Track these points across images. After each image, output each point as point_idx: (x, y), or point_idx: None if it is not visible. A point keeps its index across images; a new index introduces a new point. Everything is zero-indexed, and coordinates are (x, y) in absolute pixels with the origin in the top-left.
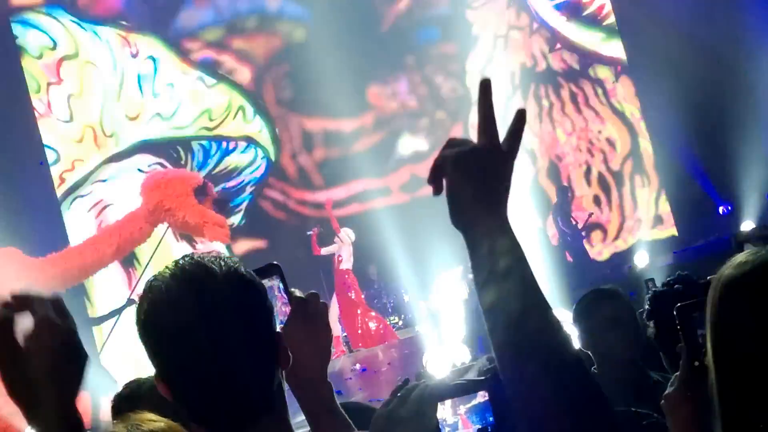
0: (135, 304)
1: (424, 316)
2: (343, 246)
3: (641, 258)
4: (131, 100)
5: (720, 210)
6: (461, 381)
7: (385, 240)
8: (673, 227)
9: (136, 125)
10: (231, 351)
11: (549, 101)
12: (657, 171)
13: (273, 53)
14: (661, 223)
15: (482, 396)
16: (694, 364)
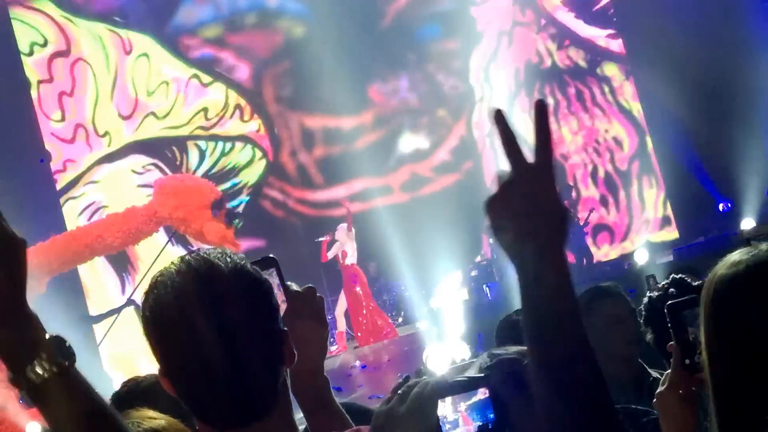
0: (133, 305)
1: (425, 314)
2: (346, 242)
3: (641, 255)
4: (125, 99)
5: (720, 207)
6: (462, 378)
7: (386, 239)
8: (676, 229)
9: (130, 124)
10: (237, 347)
11: (554, 99)
12: (658, 168)
13: (273, 50)
14: (670, 224)
15: (483, 393)
16: (686, 363)
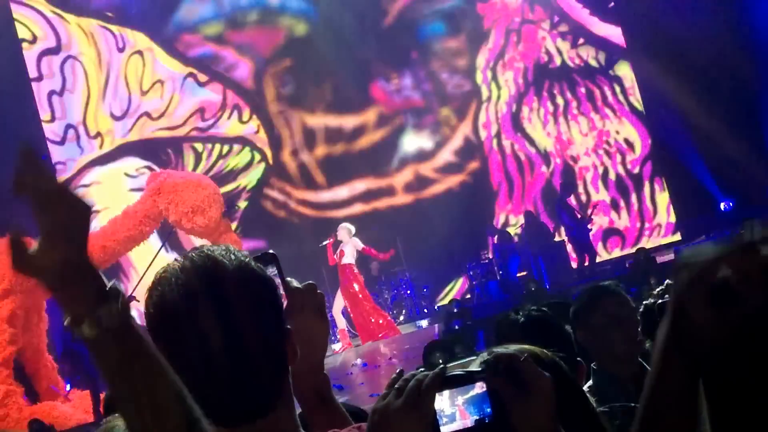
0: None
1: (426, 312)
2: (347, 243)
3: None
4: (117, 99)
5: (721, 206)
6: (459, 372)
7: (388, 239)
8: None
9: (123, 125)
10: (241, 345)
11: (564, 99)
12: (658, 166)
13: (274, 48)
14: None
15: (480, 387)
16: None
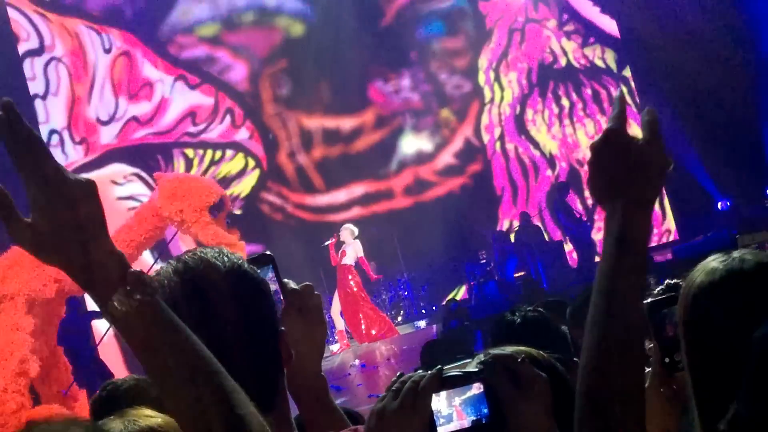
0: None
1: (424, 313)
2: (349, 244)
3: None
4: (104, 102)
5: (719, 205)
6: (456, 372)
7: (387, 242)
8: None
9: (109, 130)
10: (234, 347)
11: (569, 101)
12: None
13: (271, 49)
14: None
15: (477, 388)
16: (665, 361)
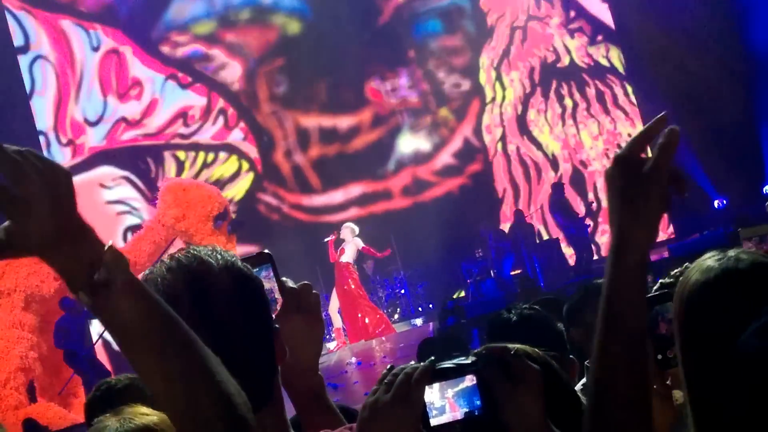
0: None
1: (421, 311)
2: (349, 242)
3: None
4: (92, 102)
5: (715, 204)
6: (449, 364)
7: (384, 241)
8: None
9: (97, 131)
10: (228, 344)
11: (572, 100)
12: None
13: (267, 47)
14: None
15: (470, 380)
16: (658, 358)
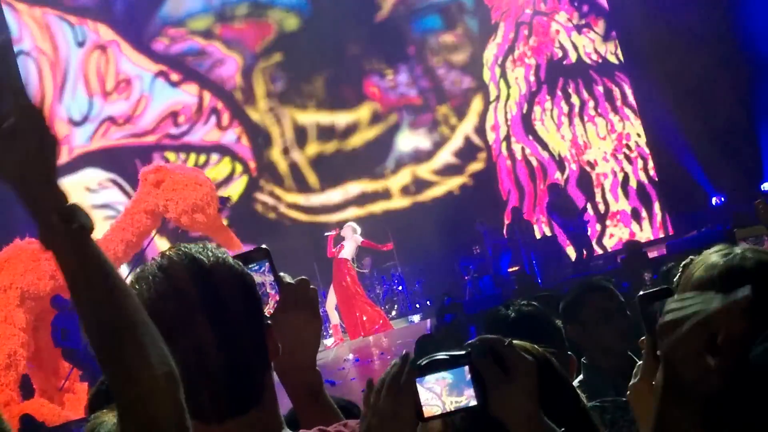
0: None
1: (418, 307)
2: (349, 240)
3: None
4: (77, 100)
5: (713, 201)
6: (442, 355)
7: (382, 236)
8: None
9: (83, 132)
10: (219, 341)
11: (579, 99)
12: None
13: (264, 43)
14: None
15: (464, 372)
16: (657, 353)
